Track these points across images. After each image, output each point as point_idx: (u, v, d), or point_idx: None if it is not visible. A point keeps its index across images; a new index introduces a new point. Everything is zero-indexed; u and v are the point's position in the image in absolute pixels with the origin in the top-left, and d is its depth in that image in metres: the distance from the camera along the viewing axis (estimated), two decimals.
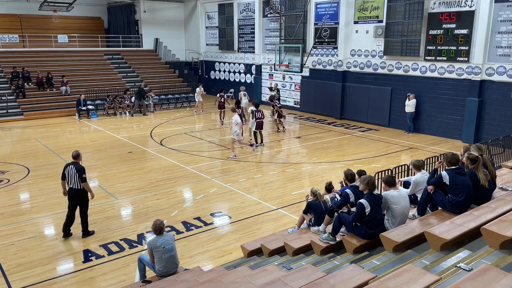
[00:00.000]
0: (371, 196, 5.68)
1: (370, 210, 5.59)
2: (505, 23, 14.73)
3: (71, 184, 8.21)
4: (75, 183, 8.17)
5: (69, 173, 8.18)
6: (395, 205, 5.81)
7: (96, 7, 31.55)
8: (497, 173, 8.23)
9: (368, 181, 5.72)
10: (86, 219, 8.50)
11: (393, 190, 5.97)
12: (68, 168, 8.22)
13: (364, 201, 5.65)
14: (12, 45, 26.88)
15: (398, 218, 5.83)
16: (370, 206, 5.59)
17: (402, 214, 5.84)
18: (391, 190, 5.97)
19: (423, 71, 17.32)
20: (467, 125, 15.93)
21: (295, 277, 4.49)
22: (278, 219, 9.33)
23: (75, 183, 8.18)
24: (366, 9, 19.13)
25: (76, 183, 8.18)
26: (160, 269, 6.10)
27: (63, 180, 8.35)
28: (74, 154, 8.40)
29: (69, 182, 8.23)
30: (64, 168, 8.30)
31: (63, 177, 8.30)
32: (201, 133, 17.92)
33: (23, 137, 17.50)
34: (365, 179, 5.78)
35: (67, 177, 8.23)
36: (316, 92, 22.09)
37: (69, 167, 8.22)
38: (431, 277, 3.80)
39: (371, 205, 5.61)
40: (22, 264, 7.45)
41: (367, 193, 5.75)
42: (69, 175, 8.18)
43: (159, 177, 12.14)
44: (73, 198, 8.31)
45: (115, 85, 24.62)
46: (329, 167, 13.09)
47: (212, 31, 29.14)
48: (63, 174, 8.27)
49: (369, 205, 5.60)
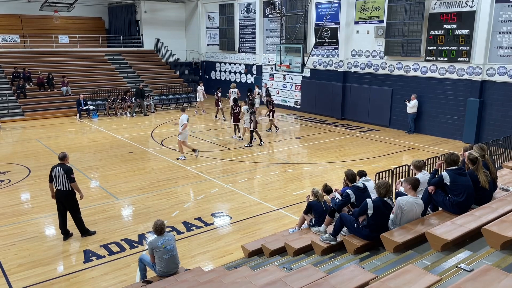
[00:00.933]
0: (380, 201, 5.57)
1: (372, 213, 5.54)
2: (506, 23, 14.73)
3: (59, 186, 8.13)
4: (63, 184, 8.09)
5: (56, 175, 8.10)
6: (406, 211, 5.68)
7: (97, 7, 31.60)
8: (498, 174, 8.21)
9: (380, 186, 5.62)
10: (80, 221, 8.44)
11: (410, 197, 5.76)
12: (55, 170, 8.14)
13: (369, 201, 5.57)
14: (13, 46, 26.92)
15: (404, 223, 5.72)
16: (373, 209, 5.52)
17: (408, 220, 5.75)
18: (408, 196, 5.79)
19: (424, 71, 17.31)
20: (468, 125, 15.92)
21: (295, 278, 4.49)
22: (278, 220, 9.33)
23: (63, 184, 8.09)
24: (366, 10, 19.13)
25: (64, 185, 8.10)
26: (161, 269, 6.11)
27: (50, 183, 8.28)
28: (61, 156, 8.36)
29: (56, 184, 8.14)
30: (51, 171, 8.21)
31: (50, 179, 8.23)
32: (202, 133, 17.92)
33: (24, 137, 17.52)
34: (378, 184, 5.72)
35: (54, 179, 8.14)
36: (316, 92, 22.09)
37: (56, 169, 8.13)
38: (432, 278, 3.80)
39: (375, 208, 5.52)
40: (23, 264, 7.46)
41: (377, 197, 5.66)
42: (57, 177, 8.09)
43: (160, 177, 12.15)
44: (61, 200, 8.24)
45: (116, 85, 24.64)
46: (329, 168, 13.09)
47: (213, 31, 29.16)
48: (50, 177, 8.21)
49: (373, 207, 5.53)
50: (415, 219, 5.80)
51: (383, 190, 5.58)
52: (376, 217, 5.55)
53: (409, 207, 5.71)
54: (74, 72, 25.02)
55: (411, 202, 5.73)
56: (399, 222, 5.75)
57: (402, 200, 5.73)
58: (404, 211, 5.68)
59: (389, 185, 5.64)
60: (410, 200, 5.74)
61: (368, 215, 5.59)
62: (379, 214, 5.56)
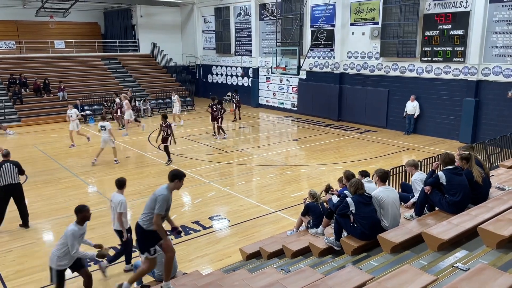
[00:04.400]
0: (357, 196, 5.82)
1: (354, 208, 5.72)
2: (500, 23, 14.81)
3: (8, 181, 8.69)
4: (13, 178, 8.73)
5: (5, 171, 8.62)
6: (385, 199, 5.89)
7: (92, 12, 31.61)
8: (494, 173, 8.29)
9: (355, 184, 5.88)
10: (27, 211, 9.14)
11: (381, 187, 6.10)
12: (3, 167, 8.64)
13: (348, 200, 5.81)
14: (9, 51, 26.91)
15: (389, 210, 5.85)
16: (354, 204, 5.74)
17: (392, 205, 5.89)
18: (378, 188, 6.12)
19: (420, 72, 17.37)
20: (464, 125, 15.98)
21: (293, 280, 4.51)
22: (276, 222, 9.34)
23: (12, 178, 8.72)
24: (362, 11, 19.20)
25: (14, 178, 8.75)
26: (159, 273, 6.09)
27: None
28: (5, 153, 9.01)
29: (4, 180, 8.67)
30: None
31: None
32: (199, 137, 17.92)
33: (20, 143, 17.47)
34: (351, 182, 5.97)
35: (2, 175, 8.62)
36: (313, 94, 22.13)
37: (4, 166, 8.65)
38: (428, 278, 3.81)
39: (356, 203, 5.74)
40: (21, 270, 7.44)
41: (353, 194, 5.87)
42: (6, 172, 8.64)
43: (158, 182, 12.12)
44: (10, 193, 8.84)
45: (113, 90, 24.58)
46: (327, 169, 13.11)
47: (209, 34, 29.21)
48: None
49: (353, 203, 5.74)
50: (397, 204, 6.02)
51: (354, 188, 5.84)
52: (360, 211, 5.71)
53: (385, 194, 5.92)
54: (71, 77, 24.96)
55: (382, 190, 5.99)
56: (385, 212, 5.88)
57: (376, 193, 5.99)
58: (380, 200, 5.88)
59: (360, 182, 5.93)
60: (381, 189, 6.02)
61: (353, 212, 5.73)
62: (362, 207, 5.74)
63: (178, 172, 5.65)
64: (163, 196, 5.45)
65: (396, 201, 6.01)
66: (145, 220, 5.57)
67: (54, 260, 5.91)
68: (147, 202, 5.62)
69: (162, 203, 5.42)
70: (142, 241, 5.64)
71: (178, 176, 5.59)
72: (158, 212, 5.42)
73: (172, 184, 5.59)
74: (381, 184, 6.15)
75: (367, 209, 5.76)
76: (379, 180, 6.18)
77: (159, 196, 5.45)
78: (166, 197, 5.51)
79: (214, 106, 17.25)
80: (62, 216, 9.78)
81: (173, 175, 5.58)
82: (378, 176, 6.21)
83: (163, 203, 5.44)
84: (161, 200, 5.42)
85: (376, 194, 5.95)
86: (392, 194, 6.03)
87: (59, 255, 5.90)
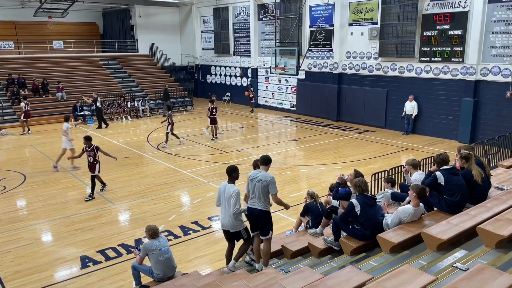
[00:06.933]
0: (362, 197, 5.76)
1: (360, 209, 5.65)
2: (498, 23, 14.83)
3: None
4: None
5: None
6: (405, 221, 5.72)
7: (91, 12, 31.55)
8: (493, 173, 8.29)
9: (360, 184, 5.84)
10: None
11: (410, 206, 5.77)
12: None
13: (354, 201, 5.75)
14: (7, 52, 26.84)
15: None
16: (360, 206, 5.67)
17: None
18: (408, 206, 5.82)
19: (418, 72, 17.39)
20: (463, 125, 15.99)
21: (292, 280, 4.50)
22: (275, 222, 9.23)
23: None
24: (360, 11, 19.21)
25: None
26: (158, 273, 6.08)
27: None
28: None
29: None
30: None
31: None
32: (198, 137, 17.90)
33: (19, 143, 17.45)
34: (356, 182, 5.92)
35: None
36: (312, 94, 22.14)
37: None
38: (428, 278, 3.81)
39: (361, 204, 5.67)
40: (19, 271, 7.42)
41: (358, 195, 5.84)
42: None
43: (156, 182, 12.13)
44: None
45: (111, 90, 24.61)
46: (326, 169, 13.11)
47: (208, 35, 29.19)
48: None
49: (359, 204, 5.68)
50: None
51: (363, 188, 5.82)
52: (364, 213, 5.66)
53: (410, 218, 5.73)
54: (69, 77, 24.94)
55: (411, 214, 5.72)
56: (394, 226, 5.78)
57: (404, 213, 5.72)
58: (403, 221, 5.73)
59: (363, 181, 5.96)
60: (411, 212, 5.72)
61: (358, 214, 5.68)
62: (367, 208, 5.69)
63: (269, 157, 6.30)
64: (272, 177, 6.14)
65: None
66: (265, 203, 6.20)
67: (240, 221, 6.34)
68: (254, 189, 6.20)
69: (275, 182, 6.15)
70: (269, 222, 6.29)
71: (270, 160, 6.29)
72: (276, 192, 6.19)
73: (267, 167, 6.25)
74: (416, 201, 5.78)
75: (371, 211, 5.72)
76: (416, 197, 5.74)
77: (270, 179, 6.09)
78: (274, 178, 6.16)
79: (214, 109, 17.16)
80: (61, 216, 9.77)
81: (267, 160, 6.27)
82: (415, 192, 5.76)
83: (275, 182, 6.15)
84: (274, 181, 6.14)
85: (404, 216, 5.74)
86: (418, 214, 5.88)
87: (238, 215, 6.31)
